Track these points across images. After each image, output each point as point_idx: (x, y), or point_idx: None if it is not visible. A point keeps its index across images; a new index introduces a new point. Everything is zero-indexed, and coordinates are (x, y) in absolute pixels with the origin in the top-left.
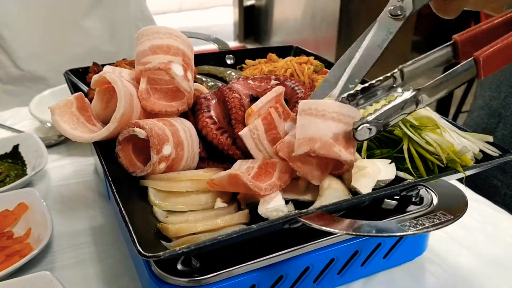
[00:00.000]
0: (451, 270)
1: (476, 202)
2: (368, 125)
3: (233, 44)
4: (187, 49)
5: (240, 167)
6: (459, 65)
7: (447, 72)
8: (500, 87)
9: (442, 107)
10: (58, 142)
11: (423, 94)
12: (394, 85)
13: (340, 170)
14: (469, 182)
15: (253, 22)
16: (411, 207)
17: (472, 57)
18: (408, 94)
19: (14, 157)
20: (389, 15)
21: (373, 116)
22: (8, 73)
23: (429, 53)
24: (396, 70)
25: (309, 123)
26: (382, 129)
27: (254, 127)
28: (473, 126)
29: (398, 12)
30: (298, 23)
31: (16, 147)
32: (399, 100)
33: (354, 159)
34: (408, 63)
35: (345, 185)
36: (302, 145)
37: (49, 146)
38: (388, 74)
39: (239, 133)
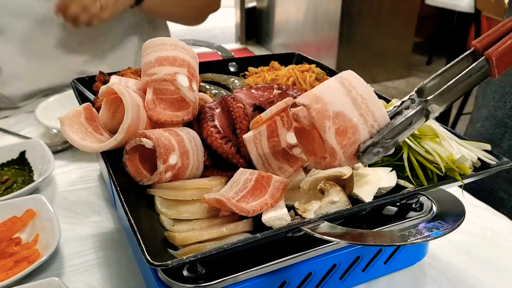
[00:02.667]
0: (451, 275)
1: (475, 207)
2: (374, 147)
3: (234, 46)
4: (192, 60)
5: (240, 178)
6: (470, 67)
7: (457, 77)
8: (505, 97)
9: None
10: (64, 148)
11: (432, 104)
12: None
13: (319, 162)
14: (474, 195)
15: (254, 24)
16: (411, 213)
17: (483, 57)
18: (415, 107)
19: (21, 163)
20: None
21: (380, 136)
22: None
23: (448, 66)
24: (412, 92)
25: (331, 88)
26: (391, 148)
27: (258, 133)
28: (476, 136)
29: None
30: (300, 25)
31: (23, 153)
32: (406, 115)
33: (336, 149)
34: (425, 80)
35: (346, 193)
36: (307, 97)
37: (55, 152)
38: (405, 98)
39: (243, 136)
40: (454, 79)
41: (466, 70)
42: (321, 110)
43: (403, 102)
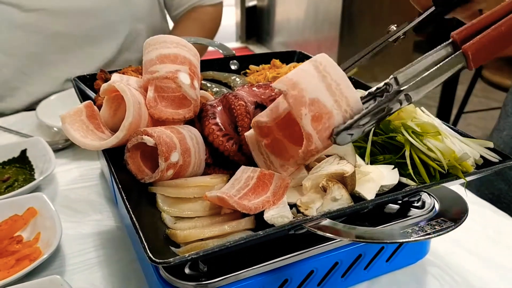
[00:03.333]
0: (453, 273)
1: (478, 205)
2: (348, 131)
3: (235, 44)
4: (193, 58)
5: (241, 176)
6: (447, 59)
7: (434, 68)
8: None
9: (444, 109)
10: (65, 146)
11: (407, 92)
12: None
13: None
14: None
15: (255, 23)
16: (413, 211)
17: (460, 50)
18: (389, 95)
19: (22, 161)
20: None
21: (353, 121)
22: None
23: (426, 54)
24: (388, 79)
25: (306, 73)
26: (364, 132)
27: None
28: (501, 145)
29: None
30: (300, 24)
31: (24, 152)
32: (380, 102)
33: (312, 134)
34: (402, 68)
35: (348, 191)
36: (283, 82)
37: (56, 151)
38: (381, 84)
39: (245, 134)
40: (430, 70)
41: (444, 62)
42: (298, 97)
43: (378, 88)
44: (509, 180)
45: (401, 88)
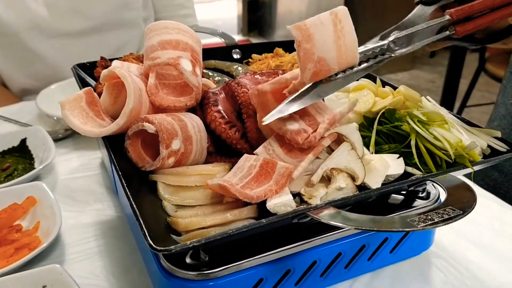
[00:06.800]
0: (457, 265)
1: (483, 197)
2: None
3: (236, 37)
4: (195, 44)
5: (244, 165)
6: (434, 20)
7: (421, 26)
8: None
9: (447, 102)
10: (65, 135)
11: (398, 42)
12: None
13: None
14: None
15: (257, 15)
16: (418, 202)
17: (445, 14)
18: (382, 43)
19: (22, 150)
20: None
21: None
22: None
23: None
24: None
25: (323, 28)
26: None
27: (268, 144)
28: None
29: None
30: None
31: (23, 141)
32: (373, 62)
33: (307, 83)
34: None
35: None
36: (300, 30)
37: (56, 140)
38: (377, 45)
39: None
40: (417, 27)
41: (430, 22)
42: (308, 52)
43: (374, 51)
44: (504, 170)
45: (393, 54)
